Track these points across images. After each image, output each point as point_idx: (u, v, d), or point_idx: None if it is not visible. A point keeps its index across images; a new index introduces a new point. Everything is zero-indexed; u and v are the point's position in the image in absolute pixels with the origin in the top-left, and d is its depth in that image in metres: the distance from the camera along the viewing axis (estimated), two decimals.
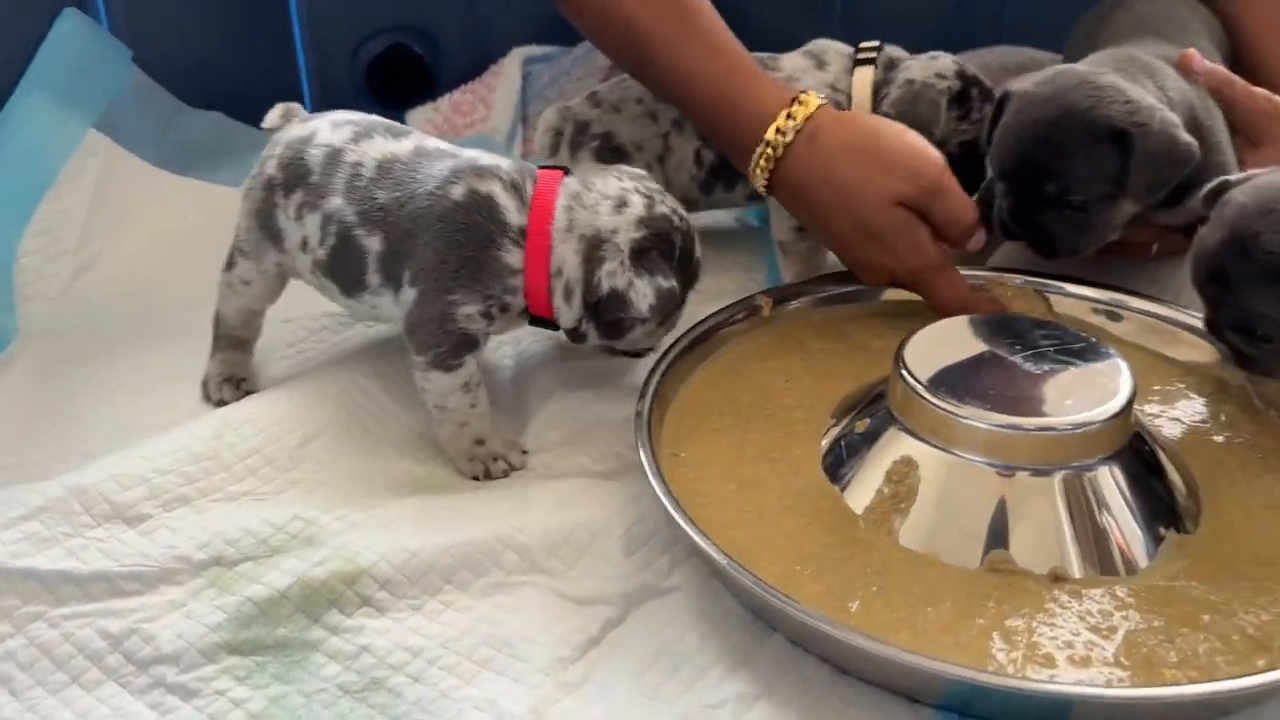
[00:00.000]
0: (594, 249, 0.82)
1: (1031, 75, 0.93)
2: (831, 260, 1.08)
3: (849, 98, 1.05)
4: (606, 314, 0.83)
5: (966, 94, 1.02)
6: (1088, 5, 1.15)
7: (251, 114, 1.37)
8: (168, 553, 0.76)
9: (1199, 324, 0.91)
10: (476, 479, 0.85)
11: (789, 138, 0.91)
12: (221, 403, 0.93)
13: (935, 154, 0.90)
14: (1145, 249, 1.01)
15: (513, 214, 0.83)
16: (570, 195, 0.84)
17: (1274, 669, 0.64)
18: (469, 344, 0.84)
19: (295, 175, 0.87)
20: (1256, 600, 0.70)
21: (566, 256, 0.83)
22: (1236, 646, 0.67)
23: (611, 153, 1.08)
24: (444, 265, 0.82)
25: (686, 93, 0.98)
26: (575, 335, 0.86)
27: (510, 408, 0.92)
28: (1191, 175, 0.93)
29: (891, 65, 1.05)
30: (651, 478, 0.76)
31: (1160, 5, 1.07)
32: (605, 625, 0.73)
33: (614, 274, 0.82)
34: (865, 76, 1.04)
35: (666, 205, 0.85)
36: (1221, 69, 0.97)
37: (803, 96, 0.93)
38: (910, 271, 0.91)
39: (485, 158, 0.87)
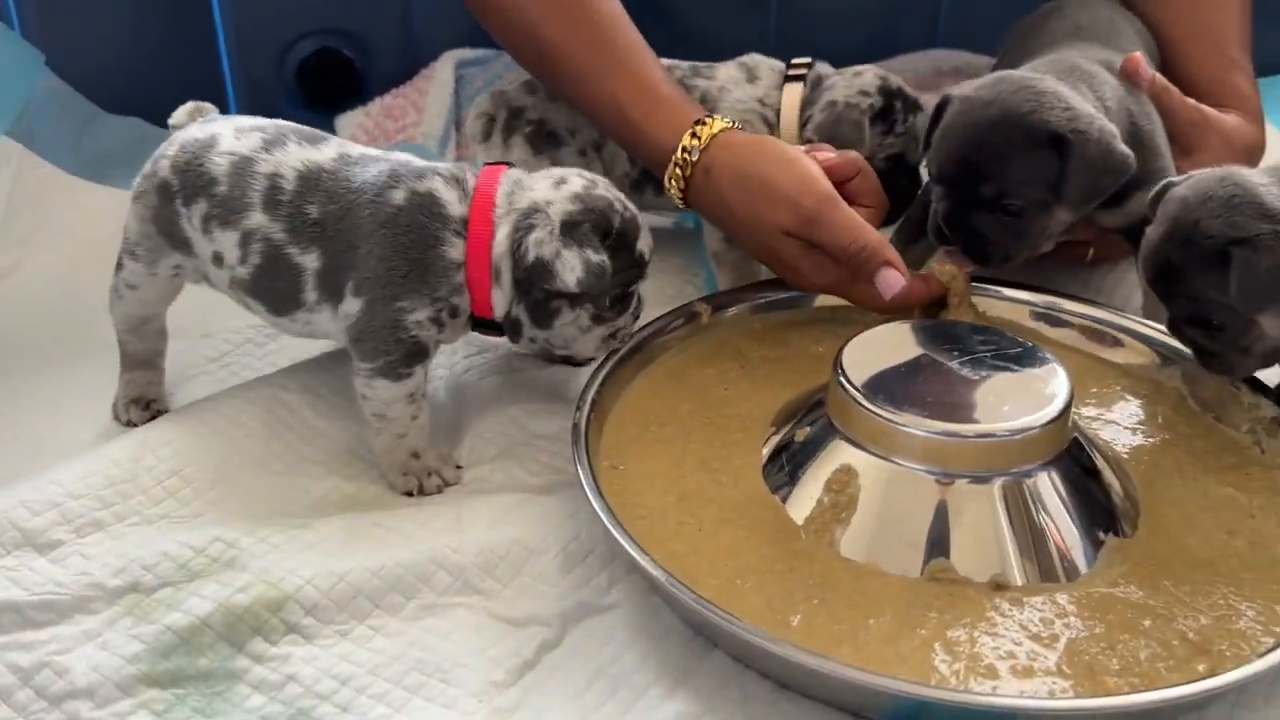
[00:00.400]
0: (524, 218, 0.80)
1: (972, 80, 0.93)
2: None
3: (777, 113, 1.05)
4: (533, 288, 0.80)
5: (890, 109, 1.03)
6: (1021, 11, 1.15)
7: None
8: (81, 580, 0.73)
9: (1135, 326, 0.91)
10: (410, 494, 0.83)
11: (688, 171, 0.92)
12: (131, 424, 0.89)
13: (819, 185, 0.87)
14: (1081, 254, 1.02)
15: (454, 205, 0.81)
16: (512, 182, 0.83)
17: (1214, 674, 0.64)
18: (420, 353, 0.82)
19: (195, 184, 0.83)
20: (1195, 604, 0.70)
21: (501, 234, 0.81)
22: (1177, 652, 0.67)
23: (545, 139, 1.07)
24: (391, 272, 0.80)
25: (591, 112, 0.98)
26: (511, 325, 0.83)
27: (444, 421, 0.90)
28: (1133, 178, 0.93)
29: (819, 83, 1.06)
30: (588, 491, 0.75)
31: (1095, 13, 1.07)
32: (541, 647, 0.71)
33: (541, 242, 0.79)
34: (794, 94, 1.04)
35: (610, 193, 0.83)
36: (1161, 77, 0.98)
37: (698, 127, 0.91)
38: (826, 287, 0.92)
39: (418, 160, 0.84)
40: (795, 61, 1.07)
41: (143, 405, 0.90)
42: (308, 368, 0.92)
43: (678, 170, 0.92)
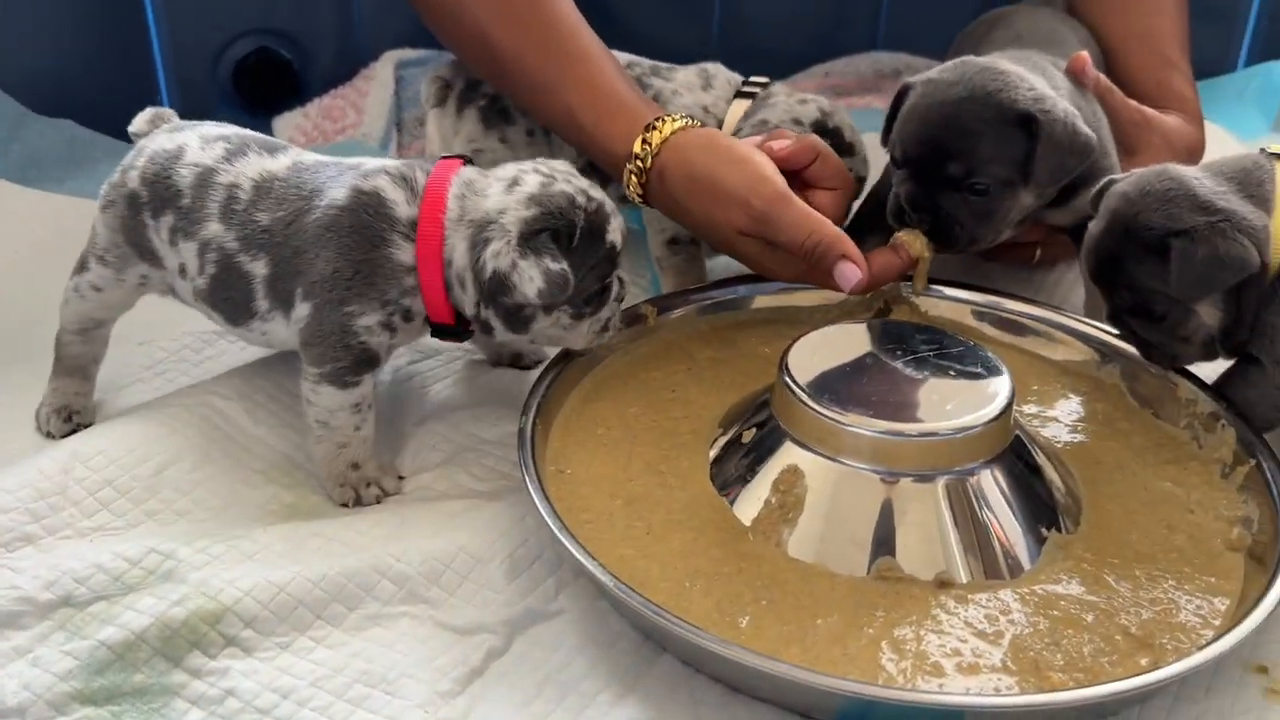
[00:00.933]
0: (480, 231, 0.78)
1: (931, 69, 0.93)
2: (716, 267, 1.07)
3: (720, 124, 1.05)
4: (497, 300, 0.78)
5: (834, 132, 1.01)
6: (959, 15, 1.17)
7: (106, 122, 1.31)
8: (10, 594, 0.71)
9: (1075, 324, 0.93)
10: (346, 505, 0.82)
11: (643, 178, 0.91)
12: (50, 435, 0.87)
13: (769, 184, 0.86)
14: (1028, 256, 1.03)
15: (401, 207, 0.79)
16: (463, 183, 0.80)
17: (1157, 667, 0.65)
18: (370, 361, 0.80)
19: (164, 196, 0.82)
20: (1137, 598, 0.71)
21: (457, 244, 0.78)
22: (1120, 646, 0.68)
23: (497, 114, 1.06)
24: (337, 275, 0.78)
25: (544, 118, 0.97)
26: (482, 327, 0.81)
27: (387, 429, 0.88)
28: (1080, 175, 0.95)
29: (766, 100, 1.05)
30: (535, 496, 0.74)
31: (1039, 21, 1.09)
32: (488, 655, 0.70)
33: (498, 254, 0.76)
34: (739, 110, 1.04)
35: (571, 185, 0.79)
36: (1104, 77, 1.00)
37: (650, 133, 0.90)
38: (793, 278, 0.91)
39: (371, 161, 0.83)
40: (752, 79, 1.06)
41: (65, 416, 0.88)
42: (244, 375, 0.90)
43: (633, 177, 0.91)
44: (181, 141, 0.83)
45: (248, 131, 0.86)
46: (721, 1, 1.43)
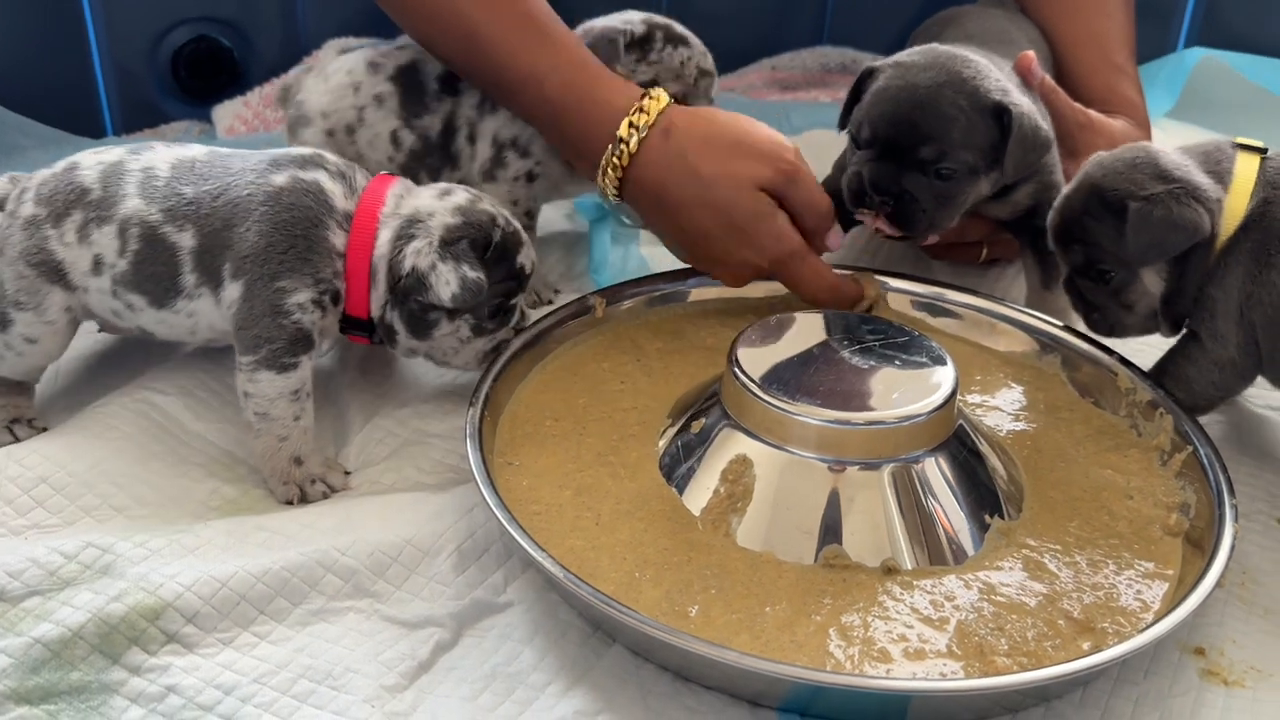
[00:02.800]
0: (407, 226, 0.81)
1: (898, 54, 0.94)
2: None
3: None
4: (409, 299, 0.80)
5: (650, 37, 1.01)
6: (905, 13, 1.18)
7: (40, 109, 1.28)
8: None
9: (1017, 315, 0.94)
10: (290, 503, 0.80)
11: (643, 133, 0.90)
12: (17, 440, 0.83)
13: (790, 143, 0.91)
14: (974, 256, 1.04)
15: (339, 199, 0.81)
16: (403, 186, 0.84)
17: (1098, 650, 0.66)
18: (304, 341, 0.79)
19: (66, 201, 0.81)
20: (1079, 583, 0.72)
21: (383, 234, 0.81)
22: (1062, 630, 0.69)
23: (297, 121, 1.03)
24: (270, 249, 0.78)
25: (537, 96, 0.94)
26: (385, 331, 0.83)
27: (332, 424, 0.87)
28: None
29: None
30: (483, 488, 0.73)
31: (990, 23, 1.10)
32: (436, 648, 0.69)
33: (419, 252, 0.79)
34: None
35: (494, 209, 0.83)
36: (1049, 79, 1.01)
37: (653, 92, 0.91)
38: (774, 261, 0.90)
39: (303, 149, 0.83)
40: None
41: (25, 423, 0.84)
42: (181, 368, 0.88)
43: (622, 147, 0.90)
44: (73, 159, 0.83)
45: (151, 142, 0.86)
46: None
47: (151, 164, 0.82)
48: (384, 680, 0.67)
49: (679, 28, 1.03)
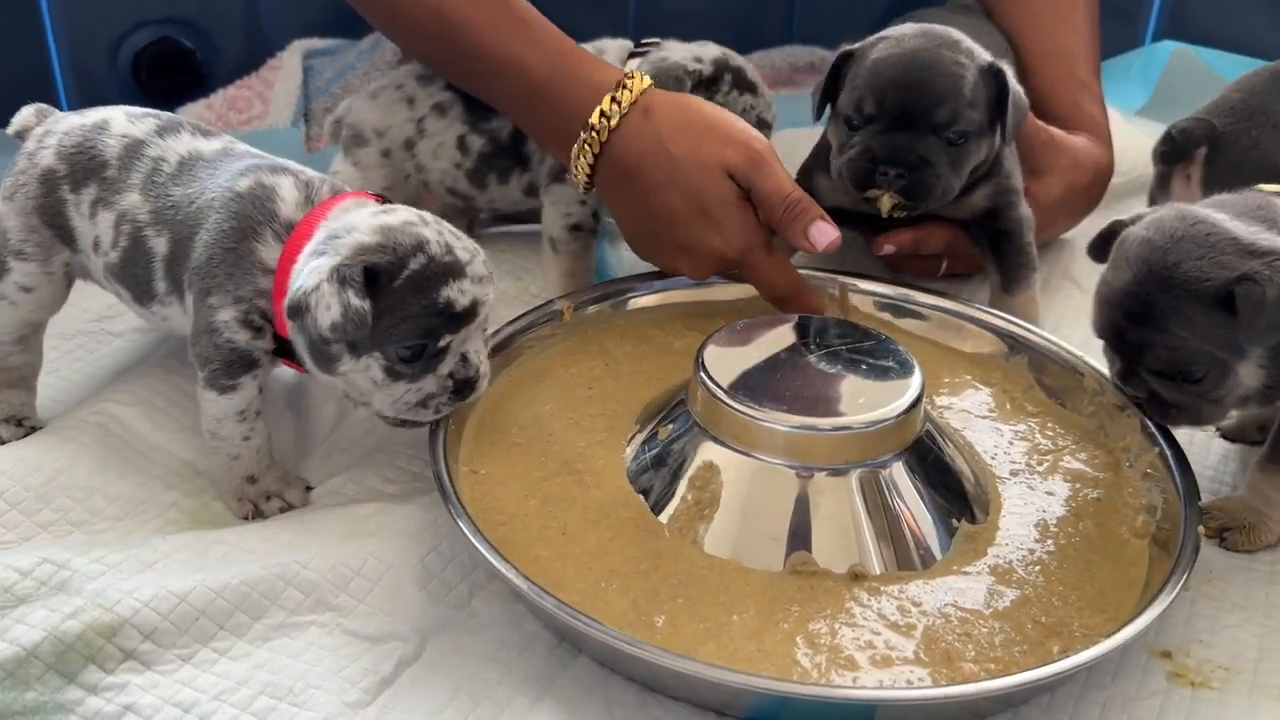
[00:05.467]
0: (325, 241, 0.72)
1: (874, 36, 0.94)
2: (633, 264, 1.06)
3: None
4: (292, 320, 0.71)
5: (717, 79, 1.00)
6: (872, 13, 1.17)
7: None
8: None
9: (983, 316, 0.94)
10: (246, 519, 0.79)
11: (624, 109, 0.89)
12: (2, 441, 0.82)
13: (759, 133, 0.90)
14: (934, 268, 1.04)
15: (288, 206, 0.75)
16: (359, 202, 0.76)
17: (1066, 654, 0.66)
18: (242, 362, 0.76)
19: (87, 168, 0.79)
20: (1046, 586, 0.72)
21: (304, 251, 0.73)
22: (1030, 635, 0.68)
23: (352, 140, 1.04)
24: (209, 261, 0.75)
25: (515, 77, 0.92)
26: (297, 359, 0.75)
27: (293, 434, 0.86)
28: (974, 176, 0.96)
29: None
30: (447, 499, 0.72)
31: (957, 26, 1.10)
32: (400, 663, 0.68)
33: (316, 270, 0.69)
34: (630, 67, 1.02)
35: (441, 236, 0.72)
36: None
37: (634, 72, 0.91)
38: (740, 252, 0.90)
39: (290, 161, 0.80)
40: (644, 40, 1.05)
41: (15, 422, 0.83)
42: (140, 378, 0.87)
43: (603, 122, 0.88)
44: (104, 115, 0.81)
45: (178, 116, 0.83)
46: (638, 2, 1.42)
47: (164, 154, 0.79)
48: (346, 696, 0.66)
49: (750, 73, 1.02)
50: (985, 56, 0.92)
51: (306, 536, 0.75)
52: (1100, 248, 0.79)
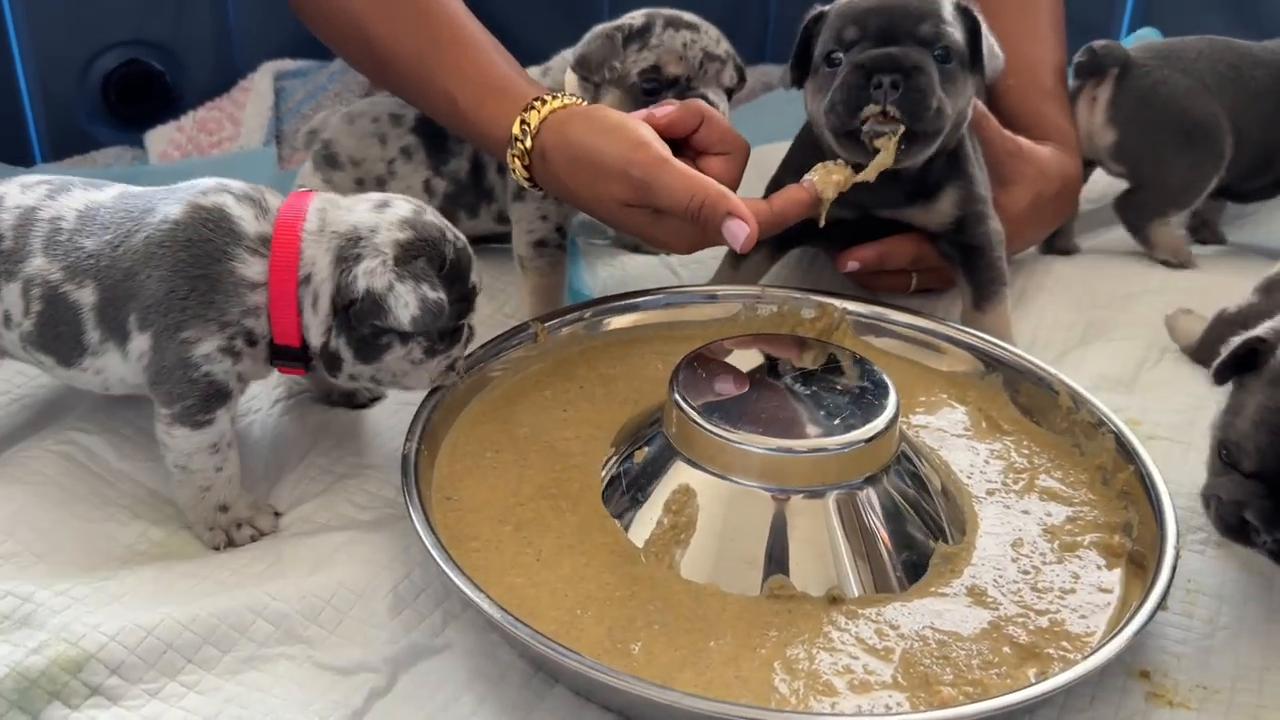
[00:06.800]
0: (350, 245, 0.74)
1: None
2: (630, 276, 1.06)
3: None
4: (361, 323, 0.74)
5: (648, 27, 0.98)
6: None
7: None
8: None
9: (958, 334, 0.94)
10: (218, 549, 0.77)
11: (525, 160, 0.89)
12: None
13: (646, 149, 0.83)
14: (904, 285, 1.04)
15: (248, 222, 0.75)
16: (325, 200, 0.77)
17: (1044, 677, 0.65)
18: (218, 395, 0.75)
19: None
20: (1023, 607, 0.72)
21: (317, 257, 0.74)
22: (1008, 657, 0.68)
23: (326, 160, 1.05)
24: (171, 295, 0.73)
25: (445, 112, 0.93)
26: (328, 359, 0.77)
27: (262, 461, 0.85)
28: (943, 176, 0.96)
29: None
30: (419, 525, 0.71)
31: None
32: (371, 695, 0.67)
33: (372, 273, 0.73)
34: (573, 79, 1.01)
35: (439, 220, 0.78)
36: (980, 105, 1.01)
37: (528, 113, 0.88)
38: (688, 248, 0.88)
39: (207, 180, 0.78)
40: None
41: None
42: (106, 407, 0.85)
43: (516, 160, 0.89)
44: (0, 191, 0.79)
45: (73, 178, 0.81)
46: (609, 11, 1.42)
47: (60, 213, 0.77)
48: None
49: (688, 16, 0.99)
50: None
51: (276, 566, 0.74)
52: (1234, 368, 0.73)
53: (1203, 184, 1.13)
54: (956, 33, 0.90)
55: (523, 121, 0.88)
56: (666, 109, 0.89)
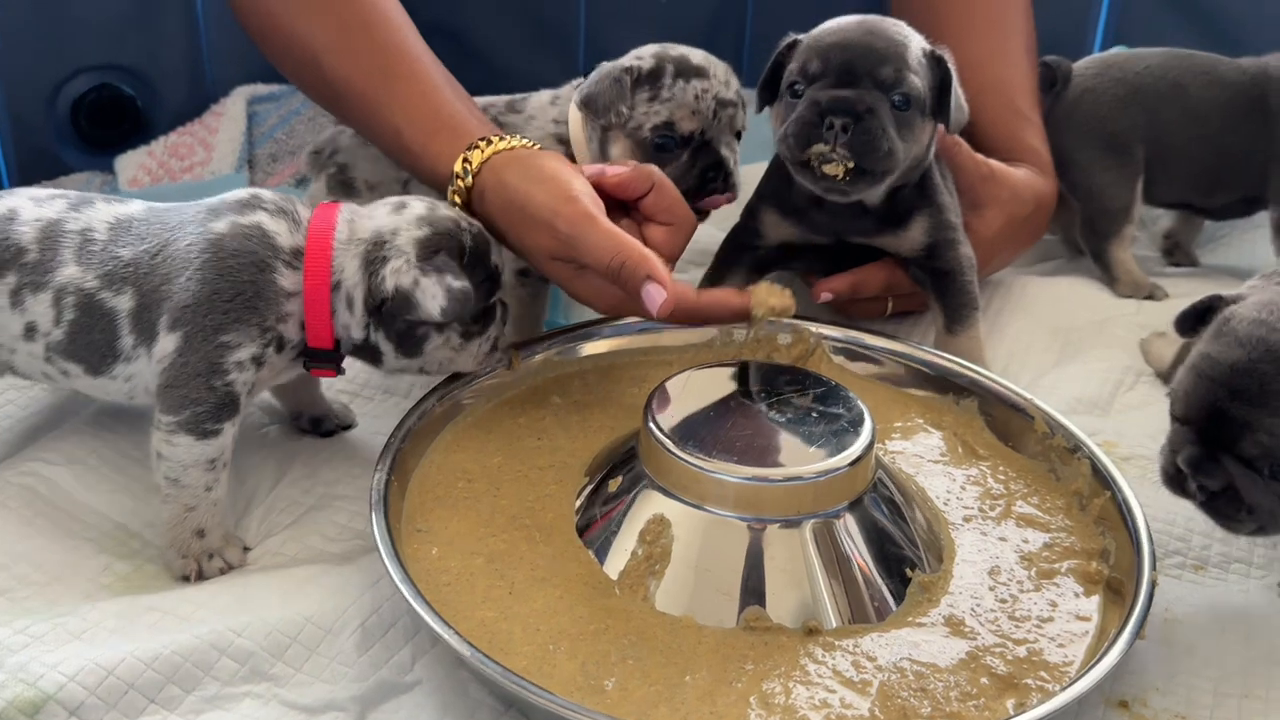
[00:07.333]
0: (375, 249, 0.79)
1: None
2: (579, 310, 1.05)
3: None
4: (394, 319, 0.78)
5: (659, 71, 0.95)
6: None
7: None
8: None
9: (934, 360, 0.93)
10: (187, 579, 0.76)
11: (465, 198, 0.88)
12: None
13: (576, 204, 0.82)
14: (879, 309, 1.03)
15: (284, 237, 0.79)
16: (351, 211, 0.81)
17: (1023, 708, 0.65)
18: (231, 405, 0.77)
19: (0, 258, 0.77)
20: (1001, 636, 0.71)
21: (345, 264, 0.79)
22: (986, 689, 0.67)
23: (342, 185, 1.03)
24: (215, 296, 0.75)
25: (397, 150, 0.93)
26: (371, 355, 0.81)
27: (235, 486, 0.83)
28: (915, 202, 0.96)
29: None
30: (387, 559, 0.70)
31: None
32: None
33: (398, 271, 0.77)
34: (578, 114, 0.99)
35: (454, 211, 0.82)
36: (950, 134, 1.01)
37: (472, 152, 0.87)
38: (607, 308, 0.87)
39: (239, 192, 0.81)
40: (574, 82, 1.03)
41: None
42: (70, 437, 0.84)
43: (455, 197, 0.88)
44: (10, 205, 0.79)
45: (85, 192, 0.82)
46: (586, 34, 1.42)
47: (90, 225, 0.79)
48: None
49: (696, 57, 0.96)
50: (927, 44, 0.93)
51: (242, 601, 0.72)
52: (1193, 322, 0.75)
53: (1127, 195, 1.13)
54: (918, 79, 0.90)
55: (465, 160, 0.87)
56: (619, 169, 0.88)
